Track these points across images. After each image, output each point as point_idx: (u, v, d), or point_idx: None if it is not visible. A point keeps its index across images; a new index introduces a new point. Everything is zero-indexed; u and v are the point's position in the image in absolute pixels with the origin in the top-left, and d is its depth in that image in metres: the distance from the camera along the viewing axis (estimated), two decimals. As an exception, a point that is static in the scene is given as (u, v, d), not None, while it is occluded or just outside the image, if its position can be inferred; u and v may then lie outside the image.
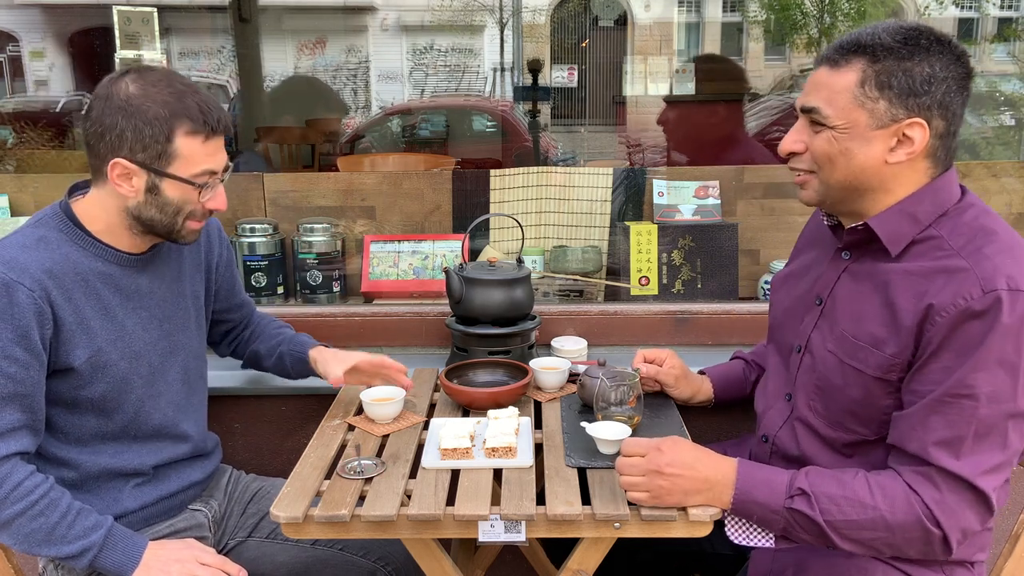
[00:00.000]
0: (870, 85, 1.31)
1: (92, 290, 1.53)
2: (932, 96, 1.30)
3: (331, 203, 2.66)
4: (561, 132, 6.09)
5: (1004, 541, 1.52)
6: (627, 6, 6.39)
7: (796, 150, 1.40)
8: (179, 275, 1.70)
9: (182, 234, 1.57)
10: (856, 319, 1.40)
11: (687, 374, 1.79)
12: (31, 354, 1.45)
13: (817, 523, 1.31)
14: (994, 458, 1.28)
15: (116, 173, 1.48)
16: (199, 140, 1.49)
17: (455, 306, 2.01)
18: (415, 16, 8.06)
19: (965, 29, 5.89)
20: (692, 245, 2.46)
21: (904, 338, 1.32)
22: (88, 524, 1.47)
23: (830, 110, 1.33)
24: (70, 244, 1.53)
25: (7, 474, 1.42)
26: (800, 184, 1.43)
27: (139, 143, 1.46)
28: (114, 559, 1.47)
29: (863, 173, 1.35)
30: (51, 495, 1.45)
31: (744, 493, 1.35)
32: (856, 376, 1.39)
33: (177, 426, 1.67)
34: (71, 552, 1.45)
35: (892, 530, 1.30)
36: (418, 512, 1.37)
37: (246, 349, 1.96)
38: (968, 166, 2.62)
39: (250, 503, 1.83)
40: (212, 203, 1.56)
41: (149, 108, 1.45)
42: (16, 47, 4.85)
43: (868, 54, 1.31)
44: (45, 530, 1.44)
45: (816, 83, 1.37)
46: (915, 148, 1.32)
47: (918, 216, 1.35)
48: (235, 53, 4.86)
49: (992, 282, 1.25)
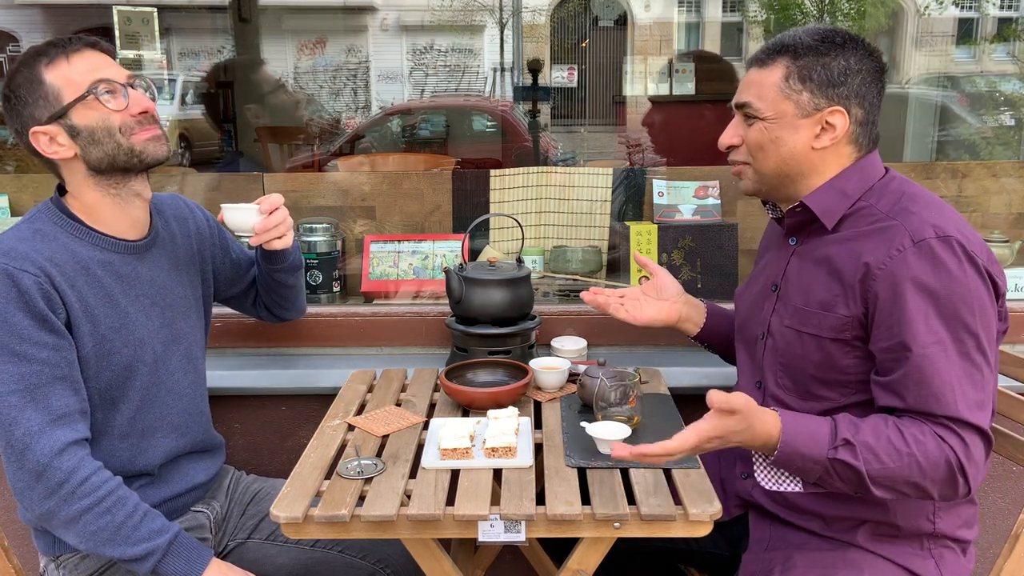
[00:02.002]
0: (793, 79, 1.47)
1: (93, 277, 1.54)
2: (849, 87, 1.46)
3: (331, 203, 2.66)
4: (561, 132, 6.09)
5: (1004, 541, 1.52)
6: (627, 6, 6.39)
7: (734, 143, 1.56)
8: (177, 264, 1.71)
9: (139, 151, 1.55)
10: (806, 291, 1.51)
11: (677, 283, 1.85)
12: (58, 335, 1.46)
13: (860, 472, 1.33)
14: (979, 395, 1.36)
15: (43, 145, 1.52)
16: (63, 63, 1.51)
17: (455, 306, 2.01)
18: (415, 16, 8.05)
19: (965, 29, 5.89)
20: (692, 245, 2.46)
21: (850, 297, 1.43)
22: (155, 527, 1.46)
23: (760, 103, 1.49)
24: (66, 235, 1.54)
25: (74, 468, 1.42)
26: (737, 175, 1.59)
27: (28, 106, 1.50)
28: (177, 567, 1.46)
29: (793, 158, 1.49)
30: (119, 492, 1.45)
31: (788, 445, 1.36)
32: (814, 342, 1.48)
33: (180, 417, 1.68)
34: (135, 554, 1.44)
35: (925, 475, 1.33)
36: (418, 512, 1.37)
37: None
38: (968, 166, 2.62)
39: (250, 504, 1.83)
40: (135, 107, 1.54)
41: (16, 76, 1.51)
42: (16, 47, 4.84)
43: (790, 53, 1.48)
44: (111, 529, 1.43)
45: (748, 82, 1.53)
46: (837, 134, 1.47)
47: (847, 191, 1.49)
48: (235, 53, 4.85)
49: (920, 232, 1.37)
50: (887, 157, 1.58)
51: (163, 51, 4.71)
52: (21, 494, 1.45)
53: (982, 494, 2.24)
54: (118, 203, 1.59)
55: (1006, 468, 2.20)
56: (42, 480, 1.41)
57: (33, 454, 1.40)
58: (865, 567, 1.46)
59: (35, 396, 1.42)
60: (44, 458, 1.41)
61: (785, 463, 1.38)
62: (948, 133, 4.10)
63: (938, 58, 5.76)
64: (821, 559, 1.48)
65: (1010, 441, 1.66)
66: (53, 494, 1.41)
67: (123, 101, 1.53)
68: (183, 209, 1.80)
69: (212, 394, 1.86)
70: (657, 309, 1.82)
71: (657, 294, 1.83)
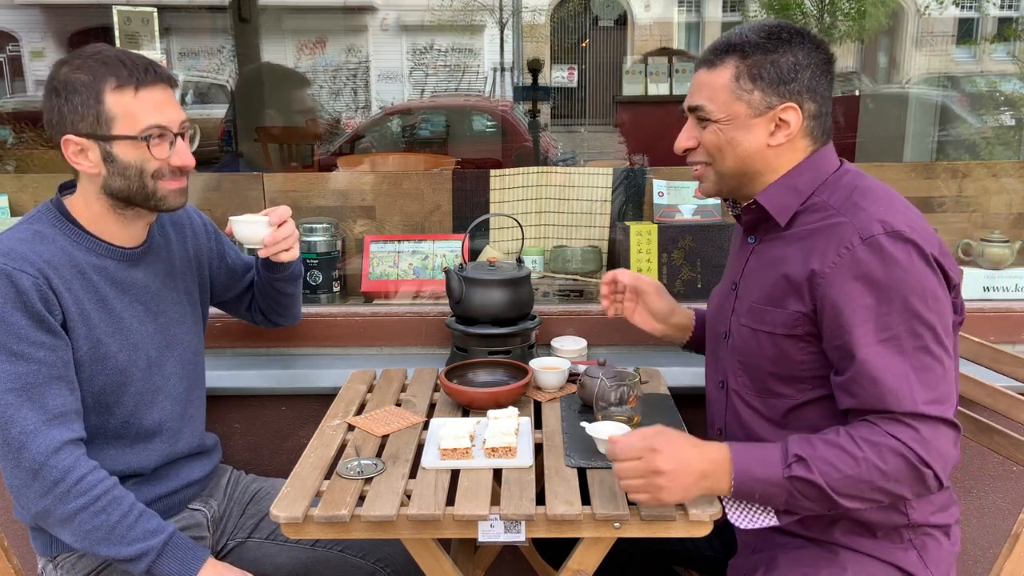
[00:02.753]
0: (744, 78, 1.45)
1: (89, 282, 1.54)
2: (800, 82, 1.44)
3: (331, 203, 2.66)
4: (561, 132, 6.09)
5: (1004, 541, 1.52)
6: (627, 6, 6.39)
7: (690, 146, 1.54)
8: (171, 271, 1.71)
9: (159, 197, 1.55)
10: (760, 288, 1.51)
11: (660, 290, 1.83)
12: (54, 335, 1.45)
13: (818, 485, 1.33)
14: (939, 387, 1.35)
15: (71, 152, 1.50)
16: (130, 93, 1.48)
17: (455, 306, 2.01)
18: (415, 16, 8.05)
19: (965, 29, 5.89)
20: (692, 245, 2.46)
21: (800, 294, 1.43)
22: (149, 527, 1.46)
23: (712, 106, 1.47)
24: (64, 238, 1.54)
25: (70, 467, 1.42)
26: (698, 178, 1.57)
27: (76, 114, 1.48)
28: (171, 568, 1.45)
29: (750, 158, 1.48)
30: (115, 492, 1.45)
31: (743, 473, 1.36)
32: (767, 339, 1.48)
33: (175, 423, 1.67)
34: (129, 554, 1.43)
35: (887, 476, 1.33)
36: (418, 512, 1.37)
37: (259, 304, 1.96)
38: (968, 166, 2.62)
39: (250, 503, 1.83)
40: (176, 159, 1.54)
41: (76, 79, 1.47)
42: (16, 47, 4.84)
43: (739, 52, 1.46)
44: (106, 528, 1.43)
45: (698, 84, 1.51)
46: (792, 130, 1.46)
47: (799, 187, 1.48)
48: (235, 53, 4.86)
49: (868, 229, 1.36)
50: (887, 157, 1.58)
51: (163, 51, 4.70)
52: (17, 492, 1.45)
53: (981, 494, 2.24)
54: (122, 221, 1.59)
55: (1006, 468, 2.20)
56: (38, 479, 1.41)
57: (29, 452, 1.40)
58: (848, 565, 1.46)
59: (32, 395, 1.42)
60: (40, 456, 1.41)
61: (746, 492, 1.37)
62: (948, 133, 4.10)
63: (938, 58, 5.76)
64: (803, 558, 1.48)
65: (1010, 441, 1.66)
66: (49, 492, 1.41)
67: (167, 150, 1.53)
68: (180, 214, 1.80)
69: (212, 394, 1.86)
70: (648, 324, 1.84)
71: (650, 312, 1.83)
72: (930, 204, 2.53)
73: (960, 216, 2.56)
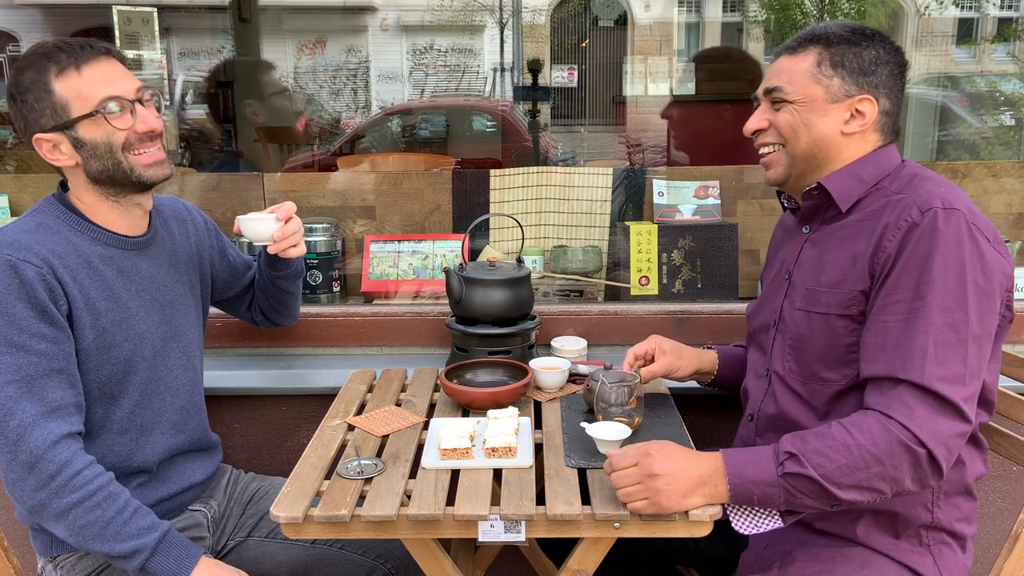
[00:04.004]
0: (825, 64, 1.49)
1: (95, 271, 1.54)
2: (879, 76, 1.49)
3: (331, 203, 2.66)
4: (561, 132, 6.08)
5: (1004, 541, 1.52)
6: (627, 6, 6.39)
7: (761, 127, 1.56)
8: (175, 262, 1.71)
9: (138, 172, 1.55)
10: (817, 273, 1.53)
11: (680, 351, 1.80)
12: (57, 328, 1.45)
13: (813, 479, 1.32)
14: (955, 368, 1.33)
15: (45, 150, 1.52)
16: (73, 74, 1.49)
17: (455, 306, 2.01)
18: (415, 16, 8.04)
19: (965, 29, 5.88)
20: (692, 245, 2.46)
21: (860, 270, 1.44)
22: (144, 524, 1.45)
23: (790, 87, 1.51)
24: (69, 229, 1.54)
25: (66, 461, 1.41)
26: (768, 164, 1.59)
27: (34, 112, 1.49)
28: (165, 566, 1.45)
29: (823, 141, 1.51)
30: (110, 488, 1.44)
31: (737, 476, 1.36)
32: (821, 321, 1.49)
33: (178, 415, 1.68)
34: (123, 551, 1.42)
35: (881, 461, 1.32)
36: (418, 512, 1.37)
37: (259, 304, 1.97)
38: (968, 166, 2.62)
39: (249, 503, 1.83)
40: (141, 125, 1.54)
41: (24, 79, 1.49)
42: (16, 47, 4.83)
43: (823, 41, 1.51)
44: (100, 524, 1.42)
45: (777, 69, 1.55)
46: (867, 121, 1.50)
47: (863, 177, 1.51)
48: (235, 53, 4.85)
49: (928, 202, 1.39)
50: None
51: (163, 51, 4.70)
52: (13, 486, 1.44)
53: (982, 494, 2.24)
54: (118, 208, 1.60)
55: (1006, 468, 2.20)
56: (34, 472, 1.40)
57: (27, 445, 1.40)
58: (863, 563, 1.46)
59: (31, 387, 1.42)
60: (38, 450, 1.40)
61: (744, 496, 1.37)
62: (948, 133, 4.10)
63: (938, 58, 5.76)
64: (820, 555, 1.49)
65: (1010, 441, 1.66)
66: (45, 486, 1.41)
67: (129, 119, 1.53)
68: (182, 211, 1.80)
69: (212, 394, 1.86)
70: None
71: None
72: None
73: (960, 216, 2.56)
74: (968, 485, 1.51)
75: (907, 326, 1.35)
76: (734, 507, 1.42)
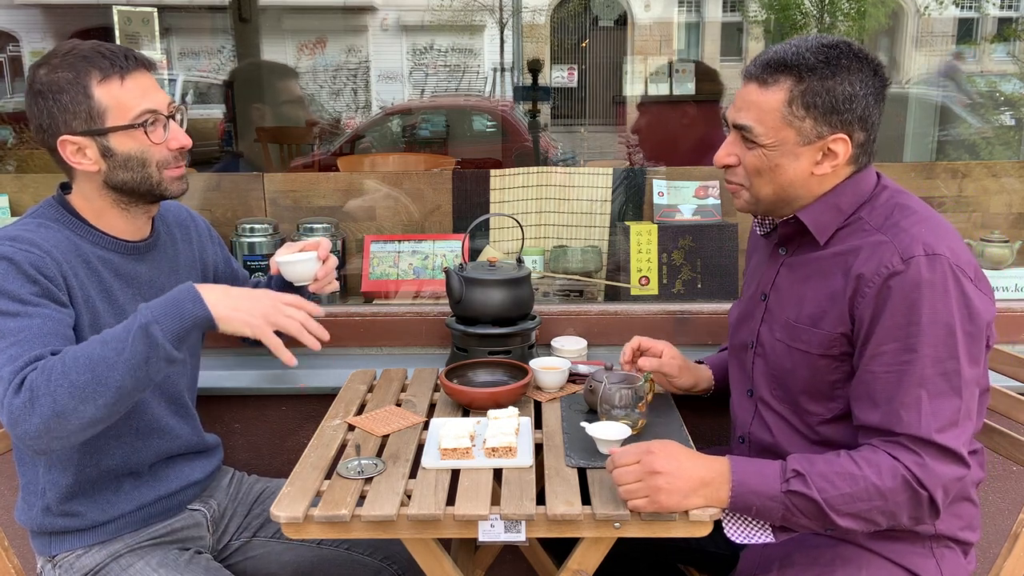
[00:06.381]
0: (797, 104, 1.40)
1: (95, 272, 1.54)
2: (853, 112, 1.41)
3: (331, 203, 2.66)
4: (561, 132, 6.08)
5: (1004, 541, 1.52)
6: (627, 6, 6.39)
7: (730, 163, 1.50)
8: (176, 268, 1.71)
9: (164, 186, 1.55)
10: (797, 305, 1.50)
11: (687, 363, 1.81)
12: (59, 304, 1.43)
13: (815, 501, 1.33)
14: (950, 416, 1.33)
15: (68, 152, 1.49)
16: (116, 83, 1.48)
17: (455, 306, 2.01)
18: (415, 16, 8.04)
19: (965, 29, 5.88)
20: (692, 245, 2.46)
21: (839, 312, 1.42)
22: (120, 329, 1.36)
23: (761, 129, 1.43)
24: (69, 231, 1.54)
25: (34, 368, 1.32)
26: (734, 193, 1.54)
27: (68, 113, 1.47)
28: (175, 324, 1.37)
29: (791, 185, 1.46)
30: (73, 350, 1.34)
31: (741, 484, 1.36)
32: (802, 357, 1.48)
33: (173, 419, 1.67)
34: (134, 354, 1.33)
35: (884, 496, 1.33)
36: (418, 512, 1.37)
37: None
38: (968, 166, 2.62)
39: (255, 504, 1.83)
40: (174, 142, 1.54)
41: (59, 78, 1.47)
42: (16, 47, 4.83)
43: (794, 74, 1.40)
44: (90, 365, 1.32)
45: (747, 101, 1.45)
46: (839, 160, 1.43)
47: (841, 206, 1.47)
48: (235, 53, 4.85)
49: (910, 250, 1.35)
50: (887, 157, 1.58)
51: (163, 51, 4.70)
52: (14, 424, 1.32)
53: (982, 494, 2.24)
54: (125, 215, 1.59)
55: (1006, 468, 2.20)
56: (19, 395, 1.31)
57: (7, 371, 1.32)
58: (864, 565, 1.46)
59: (20, 340, 1.35)
60: (19, 373, 1.32)
61: (743, 505, 1.37)
62: (948, 133, 4.10)
63: (938, 58, 5.76)
64: (820, 556, 1.49)
65: (1010, 441, 1.66)
66: (36, 396, 1.30)
67: (162, 134, 1.53)
68: (185, 217, 1.80)
69: (213, 394, 1.86)
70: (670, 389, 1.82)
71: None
72: (930, 204, 2.53)
73: (960, 216, 2.56)
74: (969, 493, 1.51)
75: (900, 379, 1.34)
76: (730, 514, 1.42)
